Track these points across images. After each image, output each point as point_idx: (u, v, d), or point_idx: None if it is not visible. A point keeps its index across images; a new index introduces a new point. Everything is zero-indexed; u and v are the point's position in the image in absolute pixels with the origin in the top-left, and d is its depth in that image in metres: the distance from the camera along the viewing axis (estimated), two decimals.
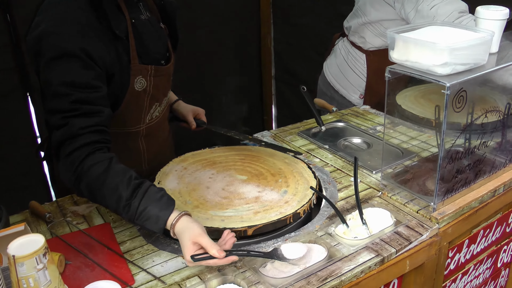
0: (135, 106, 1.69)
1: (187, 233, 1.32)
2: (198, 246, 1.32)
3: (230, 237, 1.37)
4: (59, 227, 1.58)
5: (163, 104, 1.83)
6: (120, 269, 1.39)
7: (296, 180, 1.74)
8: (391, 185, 1.80)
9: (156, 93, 1.74)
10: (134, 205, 1.35)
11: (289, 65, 4.19)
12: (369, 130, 2.25)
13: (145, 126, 1.78)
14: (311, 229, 1.57)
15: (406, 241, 1.52)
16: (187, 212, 1.39)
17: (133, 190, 1.36)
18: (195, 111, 2.05)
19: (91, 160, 1.38)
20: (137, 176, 1.42)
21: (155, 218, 1.36)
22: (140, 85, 1.65)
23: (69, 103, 1.41)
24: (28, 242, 1.10)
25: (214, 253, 1.29)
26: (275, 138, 2.19)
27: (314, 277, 1.36)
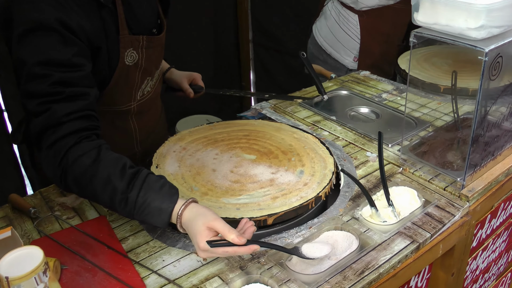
0: (125, 82, 1.49)
1: (200, 220, 1.13)
2: (214, 233, 1.13)
3: (249, 225, 1.18)
4: (47, 223, 1.36)
5: (155, 77, 1.62)
6: (127, 272, 1.19)
7: (311, 158, 1.56)
8: (411, 160, 1.65)
9: (148, 66, 1.53)
10: (132, 198, 1.15)
11: (267, 28, 3.97)
12: (375, 98, 2.08)
13: (136, 104, 1.57)
14: (334, 214, 1.41)
15: (439, 223, 1.38)
16: (194, 199, 1.20)
17: (129, 180, 1.16)
18: (190, 77, 1.84)
19: (77, 151, 1.18)
20: (132, 164, 1.22)
21: (158, 211, 1.16)
22: (131, 58, 1.44)
23: (49, 85, 1.19)
24: (22, 257, 0.89)
25: (233, 238, 1.10)
26: (275, 109, 2.00)
27: (349, 271, 1.21)
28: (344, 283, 1.17)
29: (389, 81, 2.27)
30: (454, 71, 1.81)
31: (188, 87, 1.81)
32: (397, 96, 2.11)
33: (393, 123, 1.90)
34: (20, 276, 0.84)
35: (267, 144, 1.64)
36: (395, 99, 2.08)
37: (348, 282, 1.17)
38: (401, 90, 2.17)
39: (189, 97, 1.82)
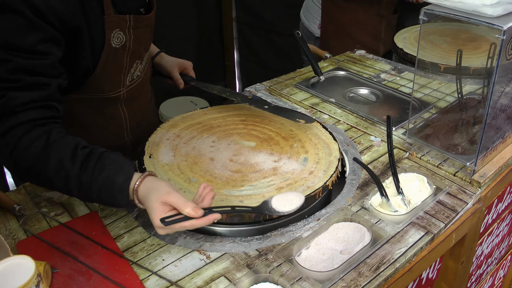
0: (113, 67, 1.37)
1: (154, 195, 1.05)
2: (169, 207, 1.05)
3: (207, 191, 1.10)
4: (34, 222, 1.25)
5: (145, 60, 1.50)
6: (124, 274, 1.09)
7: (314, 144, 1.47)
8: (417, 144, 1.57)
9: (137, 48, 1.41)
10: (86, 180, 1.08)
11: (251, 6, 3.83)
12: (373, 79, 1.99)
13: (126, 90, 1.45)
14: (343, 204, 1.32)
15: (453, 212, 1.31)
16: (151, 172, 1.13)
17: (81, 163, 1.09)
18: (181, 65, 1.71)
19: (27, 139, 1.10)
20: (86, 144, 1.13)
21: (115, 190, 1.09)
22: (118, 40, 1.32)
23: (6, 71, 1.09)
24: (11, 270, 0.78)
25: (188, 212, 1.02)
26: (271, 92, 1.89)
27: (364, 267, 1.13)
28: (359, 280, 1.09)
29: (386, 61, 2.18)
30: (459, 49, 1.73)
31: (179, 77, 1.69)
32: (396, 76, 2.02)
33: (395, 104, 1.82)
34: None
35: (266, 130, 1.54)
36: (394, 79, 2.00)
37: (364, 279, 1.10)
38: (399, 70, 2.08)
39: (179, 87, 1.70)
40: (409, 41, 2.28)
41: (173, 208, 1.05)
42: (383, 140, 1.59)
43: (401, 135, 1.62)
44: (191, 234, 1.21)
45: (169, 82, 1.72)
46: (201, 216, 1.03)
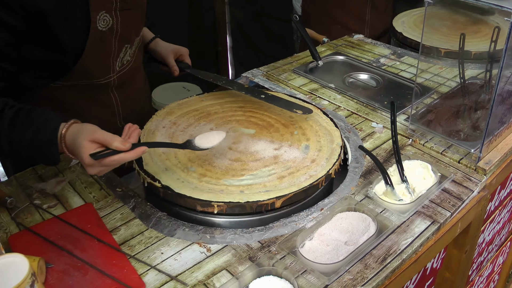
0: (101, 51, 1.33)
1: (81, 135, 1.05)
2: (98, 145, 1.05)
3: (133, 129, 1.10)
4: (27, 214, 1.19)
5: (135, 45, 1.44)
6: (122, 269, 1.05)
7: (315, 131, 1.42)
8: (420, 130, 1.53)
9: (125, 32, 1.36)
10: (15, 136, 1.08)
11: None
12: (373, 63, 1.94)
13: (117, 75, 1.40)
14: (346, 193, 1.28)
15: (458, 200, 1.27)
16: (76, 120, 1.12)
17: (10, 120, 1.08)
18: (177, 52, 1.66)
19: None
20: (14, 104, 1.11)
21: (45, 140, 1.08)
22: (105, 23, 1.27)
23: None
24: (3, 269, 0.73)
25: (117, 145, 1.02)
26: (268, 77, 1.84)
27: (370, 258, 1.09)
28: (366, 272, 1.06)
29: (385, 45, 2.13)
30: (462, 33, 1.69)
31: (174, 64, 1.63)
32: (395, 61, 1.98)
33: (396, 90, 1.77)
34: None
35: (265, 117, 1.49)
36: (394, 64, 1.95)
37: (371, 271, 1.06)
38: (399, 54, 2.04)
39: (173, 74, 1.64)
40: (408, 25, 2.23)
41: (101, 145, 1.04)
42: (385, 126, 1.55)
43: (403, 121, 1.58)
44: (190, 226, 1.17)
45: (164, 69, 1.67)
46: (129, 149, 1.03)
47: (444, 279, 1.50)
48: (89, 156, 1.02)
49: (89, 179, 1.31)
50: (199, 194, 1.16)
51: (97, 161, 1.03)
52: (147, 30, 1.68)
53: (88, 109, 1.41)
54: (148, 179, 1.21)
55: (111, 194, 1.26)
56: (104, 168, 1.06)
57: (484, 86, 1.76)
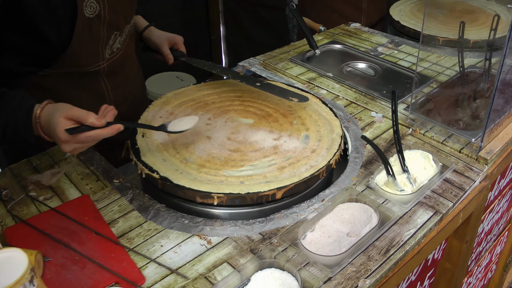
0: (89, 38, 1.30)
1: (55, 114, 1.05)
2: (73, 122, 1.06)
3: (109, 109, 1.12)
4: (22, 206, 1.17)
5: (125, 33, 1.41)
6: (121, 262, 1.03)
7: (314, 121, 1.40)
8: (420, 119, 1.51)
9: (113, 19, 1.33)
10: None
11: None
12: (370, 52, 1.92)
13: (107, 63, 1.37)
14: (347, 184, 1.26)
15: (461, 190, 1.26)
16: (50, 101, 1.13)
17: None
18: (172, 40, 1.62)
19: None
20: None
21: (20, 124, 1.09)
22: (91, 9, 1.24)
23: None
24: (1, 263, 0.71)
25: (92, 121, 1.04)
26: (265, 66, 1.82)
27: (373, 250, 1.08)
28: (369, 264, 1.04)
29: (382, 34, 2.11)
30: (462, 22, 1.67)
31: (168, 52, 1.60)
32: (393, 50, 1.96)
33: (394, 79, 1.75)
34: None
35: (263, 106, 1.47)
36: (392, 52, 1.93)
37: (374, 263, 1.04)
38: (396, 43, 2.02)
39: (168, 63, 1.61)
40: (405, 13, 2.21)
41: (76, 122, 1.05)
42: (384, 116, 1.54)
43: (402, 111, 1.56)
44: (189, 218, 1.14)
45: (158, 58, 1.64)
46: (104, 125, 1.04)
47: (444, 270, 1.49)
48: (64, 131, 1.02)
49: (85, 170, 1.29)
50: (198, 186, 1.14)
51: (72, 136, 1.03)
52: (141, 18, 1.65)
53: (78, 97, 1.38)
54: (146, 170, 1.19)
55: (108, 186, 1.24)
56: (79, 145, 1.06)
57: (484, 74, 1.74)
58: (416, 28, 2.05)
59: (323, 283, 1.00)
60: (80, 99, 1.40)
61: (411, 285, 1.30)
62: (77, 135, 1.03)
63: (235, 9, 3.86)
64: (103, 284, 0.97)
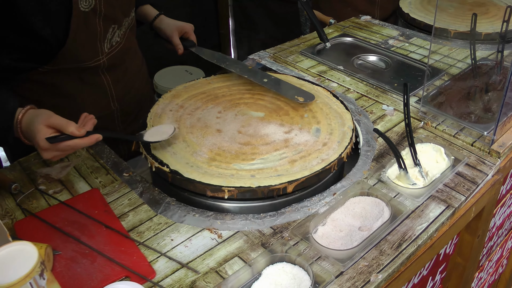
0: (86, 33, 1.29)
1: (36, 120, 1.06)
2: (53, 130, 1.07)
3: (89, 118, 1.12)
4: (32, 200, 1.16)
5: (125, 26, 1.40)
6: (131, 256, 1.02)
7: (325, 114, 1.39)
8: (431, 113, 1.49)
9: (110, 12, 1.32)
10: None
11: None
12: (381, 45, 1.90)
13: (106, 58, 1.36)
14: (358, 177, 1.25)
15: (473, 184, 1.24)
16: (32, 106, 1.13)
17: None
18: (182, 29, 1.61)
19: None
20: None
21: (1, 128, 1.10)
22: (87, 3, 1.23)
23: None
24: (12, 257, 0.71)
25: (72, 131, 1.05)
26: (276, 59, 1.80)
27: (385, 244, 1.07)
28: (381, 258, 1.03)
29: (393, 26, 2.09)
30: (474, 13, 1.64)
31: (178, 42, 1.59)
32: (404, 42, 1.93)
33: (405, 72, 1.74)
34: (12, 283, 0.66)
35: (274, 99, 1.45)
36: (403, 45, 1.91)
37: (386, 258, 1.03)
38: (407, 35, 1.99)
39: (178, 53, 1.60)
40: (415, 6, 2.18)
41: (56, 130, 1.06)
42: (396, 109, 1.52)
43: (414, 104, 1.54)
44: (200, 211, 1.14)
45: (169, 47, 1.63)
46: (83, 135, 1.05)
47: (455, 265, 1.48)
48: (44, 139, 1.03)
49: (95, 164, 1.28)
50: (208, 179, 1.13)
51: (53, 145, 1.04)
52: (151, 8, 1.64)
53: (79, 92, 1.38)
54: (156, 163, 1.18)
55: (118, 179, 1.23)
56: (58, 153, 1.07)
57: (496, 67, 1.72)
58: (426, 21, 2.02)
59: (335, 277, 0.99)
60: (82, 94, 1.39)
61: (423, 280, 1.29)
62: (56, 144, 1.05)
63: (244, 2, 3.83)
64: (113, 278, 0.97)
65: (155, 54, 1.67)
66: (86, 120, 1.11)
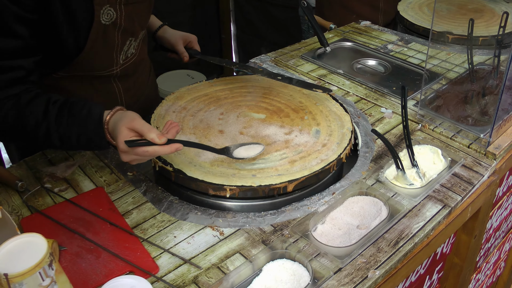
0: (104, 44, 1.31)
1: (120, 122, 1.07)
2: (135, 133, 1.06)
3: (173, 126, 1.10)
4: (38, 197, 1.19)
5: (140, 38, 1.43)
6: (135, 252, 1.05)
7: (325, 116, 1.42)
8: (429, 115, 1.52)
9: (129, 26, 1.34)
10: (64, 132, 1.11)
11: None
12: (380, 50, 1.93)
13: (120, 68, 1.39)
14: (357, 177, 1.28)
15: (469, 184, 1.27)
16: (121, 107, 1.13)
17: (55, 118, 1.10)
18: (186, 39, 1.64)
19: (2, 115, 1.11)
20: (56, 98, 1.14)
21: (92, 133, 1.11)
22: (108, 17, 1.26)
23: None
24: (21, 248, 0.74)
25: (153, 137, 1.02)
26: (277, 63, 1.83)
27: (382, 242, 1.09)
28: (379, 255, 1.06)
29: (392, 31, 2.12)
30: (471, 19, 1.68)
31: (184, 50, 1.62)
32: (403, 47, 1.97)
33: (404, 76, 1.77)
34: (22, 272, 0.69)
35: (275, 102, 1.49)
36: (401, 50, 1.94)
37: (384, 255, 1.06)
38: (406, 40, 2.03)
39: (183, 61, 1.63)
40: (414, 11, 2.22)
41: (138, 134, 1.06)
42: (394, 112, 1.55)
43: (412, 107, 1.57)
44: (202, 209, 1.17)
45: (172, 56, 1.66)
46: (164, 143, 1.03)
47: (453, 265, 1.50)
48: (124, 142, 1.03)
49: (99, 163, 1.31)
50: (211, 178, 1.16)
51: (131, 148, 1.03)
52: (154, 18, 1.67)
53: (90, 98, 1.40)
54: (159, 163, 1.21)
55: (122, 178, 1.26)
56: (137, 158, 1.06)
57: (492, 71, 1.75)
58: (425, 26, 2.05)
59: (334, 273, 1.01)
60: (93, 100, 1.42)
61: (420, 279, 1.32)
62: (134, 148, 1.03)
63: (245, 7, 3.89)
64: (117, 272, 0.99)
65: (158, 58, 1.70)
66: (170, 128, 1.09)
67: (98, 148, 1.15)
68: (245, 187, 1.15)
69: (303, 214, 1.16)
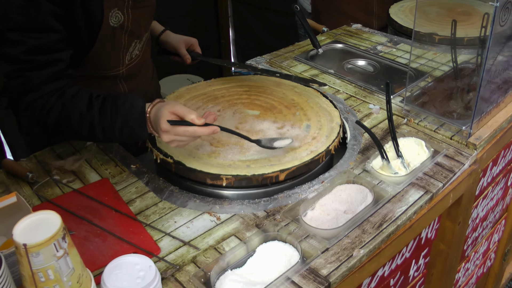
0: (111, 45, 1.40)
1: (163, 108, 1.17)
2: (176, 117, 1.17)
3: (211, 114, 1.22)
4: (47, 188, 1.29)
5: (144, 40, 1.52)
6: (139, 235, 1.14)
7: (315, 112, 1.51)
8: (414, 110, 1.61)
9: (136, 28, 1.44)
10: (107, 125, 1.21)
11: None
12: (370, 51, 2.03)
13: (126, 68, 1.48)
14: (345, 167, 1.37)
15: (450, 172, 1.36)
16: (161, 100, 1.24)
17: (99, 111, 1.21)
18: (188, 42, 1.74)
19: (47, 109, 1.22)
20: (98, 93, 1.24)
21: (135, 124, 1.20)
22: (116, 19, 1.35)
23: (21, 53, 1.17)
24: (38, 223, 0.83)
25: (193, 118, 1.14)
26: (271, 64, 1.93)
27: (367, 224, 1.18)
28: (364, 236, 1.15)
29: (382, 33, 2.22)
30: (454, 20, 1.77)
31: (186, 53, 1.72)
32: (392, 48, 2.06)
33: (392, 74, 1.86)
34: (39, 242, 0.78)
35: (269, 99, 1.58)
36: (390, 50, 2.04)
37: (368, 236, 1.15)
38: (395, 42, 2.12)
39: (186, 63, 1.73)
40: (404, 14, 2.31)
41: (179, 117, 1.16)
42: (381, 108, 1.64)
43: (398, 103, 1.66)
44: (200, 197, 1.26)
45: (175, 59, 1.75)
46: (202, 124, 1.14)
47: (439, 251, 1.59)
48: (166, 121, 1.13)
49: (104, 157, 1.41)
50: (209, 168, 1.25)
51: (172, 127, 1.14)
52: (157, 23, 1.77)
53: None
54: (161, 155, 1.30)
55: (126, 170, 1.35)
56: (176, 138, 1.16)
57: (476, 69, 1.84)
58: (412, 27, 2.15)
59: (321, 252, 1.10)
60: None
61: (406, 262, 1.40)
62: (176, 126, 1.14)
63: (244, 13, 3.98)
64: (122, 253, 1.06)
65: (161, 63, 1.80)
66: (208, 115, 1.21)
67: (138, 139, 1.24)
68: (240, 176, 1.24)
69: (294, 200, 1.25)
